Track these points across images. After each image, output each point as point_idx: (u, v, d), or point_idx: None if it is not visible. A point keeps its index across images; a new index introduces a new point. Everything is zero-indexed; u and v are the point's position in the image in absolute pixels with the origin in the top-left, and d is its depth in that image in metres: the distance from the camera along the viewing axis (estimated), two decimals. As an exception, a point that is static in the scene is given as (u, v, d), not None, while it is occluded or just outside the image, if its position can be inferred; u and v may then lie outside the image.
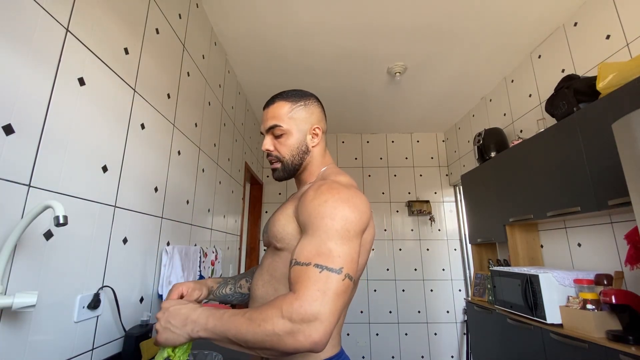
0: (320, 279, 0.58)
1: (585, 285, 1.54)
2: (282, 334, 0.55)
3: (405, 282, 3.48)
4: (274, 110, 0.82)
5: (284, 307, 0.56)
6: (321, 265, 0.60)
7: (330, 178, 0.79)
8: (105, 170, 1.03)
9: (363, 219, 0.68)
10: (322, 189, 0.70)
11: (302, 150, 0.83)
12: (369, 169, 3.79)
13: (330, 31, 2.11)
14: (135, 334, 1.08)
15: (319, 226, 0.65)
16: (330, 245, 0.62)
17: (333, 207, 0.66)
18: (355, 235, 0.66)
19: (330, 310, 0.56)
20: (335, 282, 0.58)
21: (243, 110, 2.83)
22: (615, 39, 1.69)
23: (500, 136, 2.52)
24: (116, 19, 1.10)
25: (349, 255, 0.62)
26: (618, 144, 1.09)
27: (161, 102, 1.39)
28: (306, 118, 0.83)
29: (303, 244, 0.65)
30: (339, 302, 0.58)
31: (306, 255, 0.62)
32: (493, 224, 2.39)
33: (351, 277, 0.61)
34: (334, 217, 0.65)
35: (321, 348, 0.55)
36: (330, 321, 0.56)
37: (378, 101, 3.10)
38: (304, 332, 0.54)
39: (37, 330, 0.78)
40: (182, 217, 1.58)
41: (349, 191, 0.70)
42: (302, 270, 0.60)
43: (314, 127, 0.84)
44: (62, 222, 0.64)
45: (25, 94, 0.76)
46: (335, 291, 0.58)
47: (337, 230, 0.64)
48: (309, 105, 0.84)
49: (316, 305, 0.55)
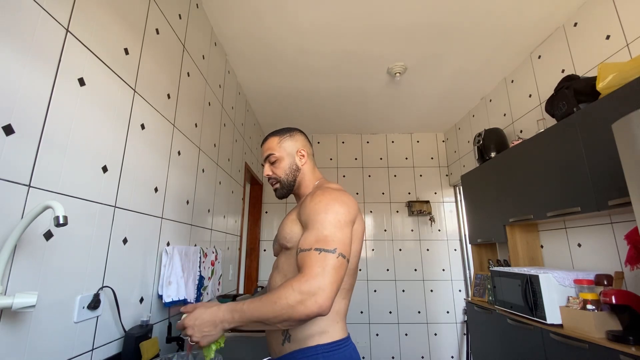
0: (320, 259, 0.75)
1: (586, 285, 1.54)
2: (294, 304, 0.70)
3: (405, 283, 3.48)
4: (268, 144, 1.06)
5: (294, 285, 0.72)
6: (319, 248, 0.77)
7: (323, 186, 0.98)
8: (105, 170, 1.03)
9: (351, 211, 0.87)
10: (317, 193, 0.91)
11: (293, 169, 1.04)
12: (369, 169, 3.79)
13: (330, 31, 2.11)
14: (135, 334, 1.07)
15: (316, 220, 0.83)
16: (325, 233, 0.79)
17: (326, 204, 0.85)
18: (346, 224, 0.83)
19: (329, 280, 0.72)
20: (331, 259, 0.75)
21: (243, 110, 2.83)
22: (615, 39, 1.69)
23: (500, 136, 2.53)
24: (116, 19, 1.10)
25: (342, 239, 0.79)
26: (618, 144, 1.09)
27: (161, 103, 1.39)
28: (292, 145, 1.06)
29: (305, 236, 0.82)
30: (336, 274, 0.74)
31: (308, 243, 0.79)
32: (493, 224, 2.39)
33: (344, 256, 0.78)
34: (327, 211, 0.83)
35: (326, 311, 0.71)
36: (331, 289, 0.72)
37: (378, 101, 3.10)
38: (311, 299, 0.70)
39: (37, 330, 0.78)
40: (182, 218, 1.58)
41: (337, 192, 0.91)
42: (306, 255, 0.77)
43: (300, 150, 1.06)
44: (62, 222, 0.64)
45: (26, 94, 0.75)
46: (332, 266, 0.74)
47: (330, 221, 0.81)
48: (294, 135, 1.07)
49: (319, 279, 0.72)
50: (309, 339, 0.83)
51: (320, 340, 0.83)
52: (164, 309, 1.39)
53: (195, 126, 1.76)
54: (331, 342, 0.83)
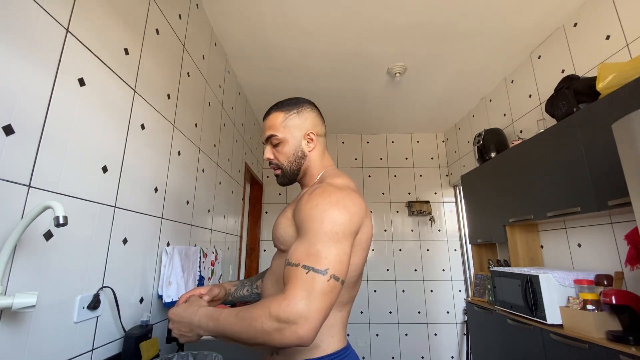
0: (307, 280, 0.62)
1: (586, 285, 1.54)
2: (270, 331, 0.59)
3: (405, 283, 3.48)
4: (270, 121, 0.88)
5: (272, 307, 0.60)
6: (308, 266, 0.63)
7: (327, 181, 0.82)
8: (105, 170, 1.03)
9: (354, 220, 0.71)
10: (315, 192, 0.74)
11: (298, 156, 0.87)
12: (369, 169, 3.79)
13: (330, 31, 2.11)
14: (135, 335, 1.07)
15: (309, 229, 0.68)
16: (318, 247, 0.65)
17: (322, 210, 0.69)
18: (345, 236, 0.68)
19: (315, 308, 0.59)
20: (320, 282, 0.62)
21: (243, 110, 2.83)
22: (615, 39, 1.69)
23: (500, 136, 2.53)
24: (116, 19, 1.10)
25: (337, 257, 0.65)
26: (618, 144, 1.09)
27: (161, 103, 1.39)
28: (299, 125, 0.87)
29: (295, 246, 0.69)
30: (324, 301, 0.61)
31: (297, 256, 0.66)
32: (493, 224, 2.39)
33: (337, 278, 0.64)
34: (322, 220, 0.68)
35: (307, 343, 0.59)
36: (316, 318, 0.59)
37: (378, 101, 3.10)
38: (290, 329, 0.58)
39: (37, 330, 0.78)
40: (182, 218, 1.58)
41: (340, 193, 0.73)
42: (292, 271, 0.64)
43: (308, 132, 0.88)
44: (62, 222, 0.64)
45: (26, 94, 0.75)
46: (320, 291, 0.61)
47: (325, 232, 0.67)
48: (302, 112, 0.88)
49: (301, 305, 0.59)
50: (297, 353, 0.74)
51: (310, 355, 0.74)
52: (164, 309, 1.39)
53: (195, 126, 1.76)
54: (323, 355, 0.74)
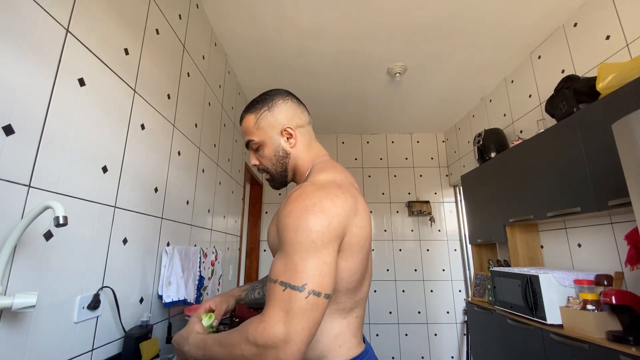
0: (284, 298, 0.56)
1: (586, 285, 1.54)
2: (250, 357, 0.55)
3: (405, 283, 3.48)
4: (244, 126, 0.82)
5: (250, 332, 0.56)
6: (285, 282, 0.57)
7: (310, 179, 0.75)
8: (105, 170, 1.03)
9: (333, 223, 0.62)
10: (292, 196, 0.66)
11: (280, 156, 0.80)
12: (369, 169, 3.79)
13: (330, 32, 2.11)
14: (135, 335, 1.07)
15: (285, 239, 0.62)
16: (295, 260, 0.59)
17: (296, 217, 0.62)
18: (324, 244, 0.60)
19: (295, 330, 0.54)
20: (299, 300, 0.56)
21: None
22: (615, 39, 1.69)
23: (500, 137, 2.53)
24: (116, 19, 1.10)
25: (316, 269, 0.58)
26: (618, 144, 1.09)
27: (161, 103, 1.39)
28: (273, 122, 0.79)
29: (275, 259, 0.63)
30: (305, 320, 0.55)
31: (275, 271, 0.60)
32: (493, 224, 2.39)
33: (318, 293, 0.57)
34: (297, 229, 0.61)
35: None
36: (298, 341, 0.54)
37: (378, 102, 3.10)
38: (269, 354, 0.53)
39: (37, 330, 0.78)
40: (182, 218, 1.58)
41: (318, 194, 0.65)
42: (271, 288, 0.59)
43: (285, 127, 0.79)
44: (62, 222, 0.64)
45: (26, 94, 0.76)
46: (299, 310, 0.55)
47: (300, 243, 0.60)
48: (273, 108, 0.80)
49: (279, 327, 0.54)
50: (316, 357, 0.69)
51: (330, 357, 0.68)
52: (164, 309, 1.39)
53: (195, 126, 1.76)
54: None
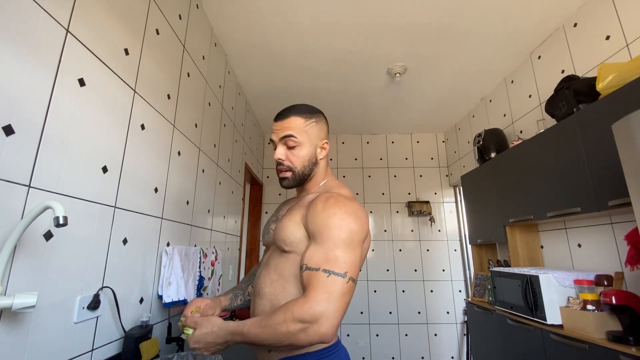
0: (328, 282, 0.69)
1: (586, 285, 1.53)
2: (295, 332, 0.66)
3: (405, 283, 3.47)
4: (289, 123, 0.91)
5: (295, 310, 0.67)
6: (328, 270, 0.70)
7: (334, 191, 0.89)
8: (105, 170, 1.03)
9: (364, 228, 0.80)
10: (330, 202, 0.80)
11: (312, 162, 0.92)
12: (369, 169, 3.79)
13: (330, 32, 2.11)
14: (135, 335, 1.07)
15: (328, 236, 0.75)
16: (337, 253, 0.73)
17: (341, 219, 0.76)
18: (358, 243, 0.77)
19: (335, 307, 0.67)
20: (340, 284, 0.69)
21: (243, 111, 2.84)
22: (615, 39, 1.69)
23: (500, 137, 2.53)
24: (116, 19, 1.10)
25: (352, 261, 0.73)
26: (618, 144, 1.09)
27: (161, 103, 1.39)
28: (317, 133, 0.93)
29: (313, 251, 0.75)
30: (343, 301, 0.69)
31: (316, 261, 0.73)
32: (493, 224, 2.39)
33: (354, 280, 0.72)
34: (341, 228, 0.75)
35: (329, 340, 0.68)
36: (336, 316, 0.67)
37: (378, 102, 3.10)
38: (313, 328, 0.66)
39: (37, 330, 0.78)
40: (182, 218, 1.58)
41: (353, 204, 0.81)
42: (312, 275, 0.71)
43: (324, 142, 0.95)
44: (62, 222, 0.64)
45: (26, 94, 0.76)
46: (340, 292, 0.69)
47: (343, 239, 0.74)
48: (319, 122, 0.94)
49: (323, 305, 0.66)
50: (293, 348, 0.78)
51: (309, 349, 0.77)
52: (164, 310, 1.39)
53: (195, 126, 1.76)
54: (320, 349, 0.78)
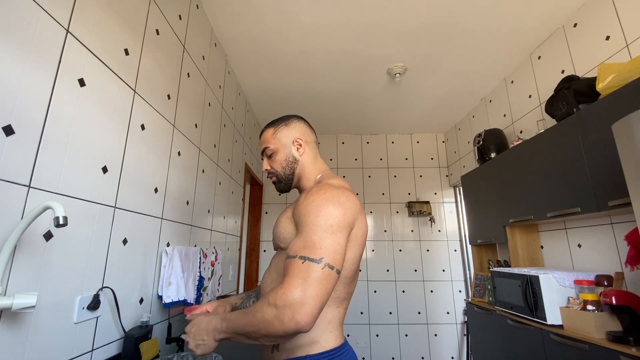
0: (303, 269, 0.66)
1: (586, 286, 1.53)
2: (270, 319, 0.63)
3: (405, 283, 3.47)
4: (263, 137, 0.99)
5: (270, 297, 0.65)
6: (304, 256, 0.68)
7: (323, 182, 0.90)
8: (105, 171, 1.03)
9: (347, 214, 0.77)
10: (312, 191, 0.81)
11: (290, 161, 0.96)
12: (369, 169, 3.79)
13: (330, 32, 2.12)
14: (135, 335, 1.07)
15: (306, 223, 0.74)
16: (314, 239, 0.71)
17: (318, 205, 0.76)
18: (339, 229, 0.74)
19: (311, 294, 0.63)
20: (315, 270, 0.66)
21: (243, 111, 2.84)
22: (614, 39, 1.69)
23: (500, 137, 2.53)
24: (116, 19, 1.10)
25: (331, 247, 0.70)
26: (618, 144, 1.09)
27: (161, 103, 1.39)
28: (287, 134, 0.97)
29: (294, 240, 0.74)
30: (320, 287, 0.65)
31: (295, 249, 0.71)
32: (493, 224, 2.39)
33: (332, 266, 0.68)
34: (318, 214, 0.74)
35: (306, 328, 0.63)
36: (312, 303, 0.63)
37: (378, 102, 3.10)
38: (287, 314, 0.62)
39: (37, 331, 0.78)
40: (182, 218, 1.58)
41: (335, 190, 0.80)
42: (290, 262, 0.69)
43: (296, 138, 0.97)
44: (62, 222, 0.64)
45: (26, 94, 0.76)
46: (315, 278, 0.65)
47: (320, 225, 0.73)
48: (289, 124, 0.99)
49: (297, 291, 0.63)
50: (298, 349, 0.78)
51: (310, 351, 0.77)
52: (164, 310, 1.39)
53: (195, 127, 1.76)
54: (322, 352, 0.77)
